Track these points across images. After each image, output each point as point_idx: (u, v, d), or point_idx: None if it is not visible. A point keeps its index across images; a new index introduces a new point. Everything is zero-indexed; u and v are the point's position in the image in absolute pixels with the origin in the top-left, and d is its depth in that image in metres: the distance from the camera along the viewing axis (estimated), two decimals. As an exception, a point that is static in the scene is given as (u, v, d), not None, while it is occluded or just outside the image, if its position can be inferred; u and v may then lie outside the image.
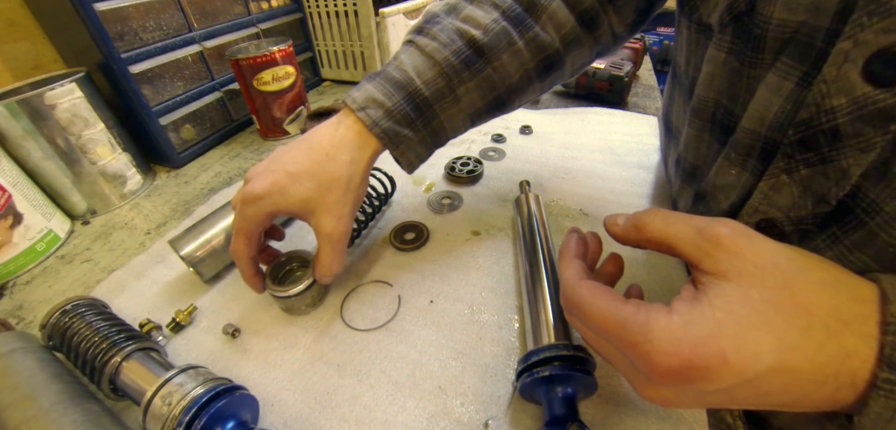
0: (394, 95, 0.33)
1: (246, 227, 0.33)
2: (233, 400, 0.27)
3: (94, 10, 0.51)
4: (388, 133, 0.33)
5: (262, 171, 0.33)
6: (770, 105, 0.25)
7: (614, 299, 0.21)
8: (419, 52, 0.34)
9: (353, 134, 0.34)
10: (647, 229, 0.23)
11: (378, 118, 0.33)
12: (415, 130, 0.34)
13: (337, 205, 0.33)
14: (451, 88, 0.34)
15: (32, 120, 0.47)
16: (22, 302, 0.43)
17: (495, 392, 0.30)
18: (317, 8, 0.86)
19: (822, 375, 0.17)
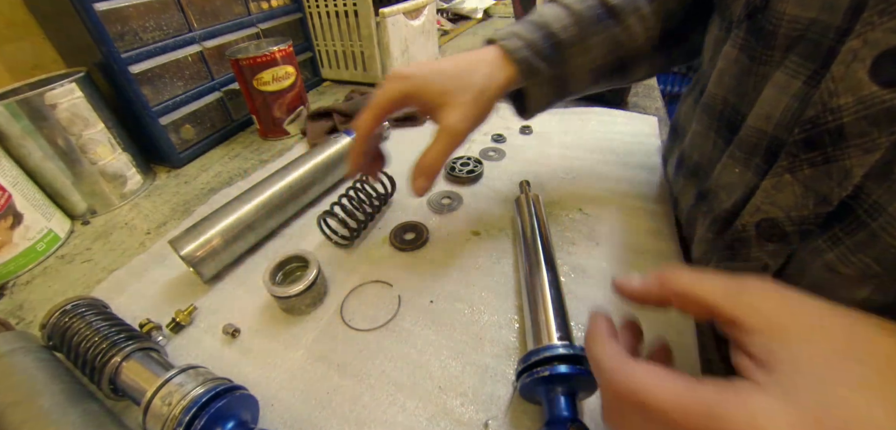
0: (533, 32, 0.37)
1: (382, 100, 0.34)
2: (233, 400, 0.27)
3: (94, 10, 0.51)
4: (526, 61, 0.36)
5: (413, 64, 0.36)
6: (777, 103, 0.26)
7: (683, 378, 0.17)
8: (558, 4, 0.38)
9: (492, 56, 0.36)
10: (672, 283, 0.20)
11: (518, 47, 0.36)
12: (549, 64, 0.37)
13: (465, 106, 0.34)
14: (583, 38, 0.37)
15: (32, 120, 0.47)
16: (22, 302, 0.43)
17: (495, 392, 0.30)
18: (317, 8, 0.86)
19: None
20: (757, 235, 0.28)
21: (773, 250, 0.27)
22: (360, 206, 0.45)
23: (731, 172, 0.30)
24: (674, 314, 0.34)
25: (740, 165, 0.29)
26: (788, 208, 0.25)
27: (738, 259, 0.30)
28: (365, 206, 0.46)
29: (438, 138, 0.34)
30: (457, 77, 0.34)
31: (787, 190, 0.25)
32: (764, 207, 0.27)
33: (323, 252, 0.45)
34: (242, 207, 0.43)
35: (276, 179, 0.47)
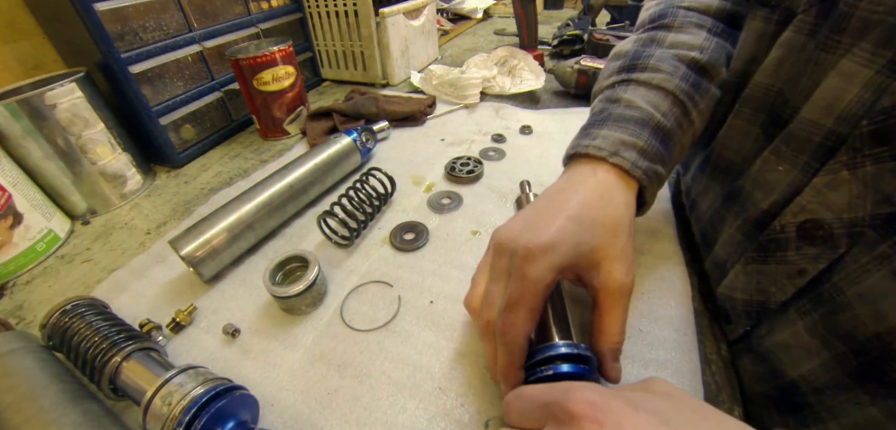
0: (641, 133, 0.31)
1: (531, 293, 0.25)
2: (233, 400, 0.27)
3: (94, 10, 0.51)
4: (649, 173, 0.30)
5: (535, 224, 0.28)
6: (842, 94, 0.24)
7: None
8: (646, 87, 0.33)
9: (614, 177, 0.30)
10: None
11: (635, 160, 0.30)
12: (664, 165, 0.32)
13: (626, 251, 0.28)
14: (687, 114, 0.33)
15: (32, 120, 0.47)
16: (22, 302, 0.43)
17: (495, 392, 0.30)
18: (317, 8, 0.86)
19: None
20: (797, 236, 0.26)
21: (815, 254, 0.25)
22: (360, 206, 0.45)
23: (774, 170, 0.28)
24: (674, 311, 0.34)
25: (786, 163, 0.27)
26: (840, 209, 0.24)
27: (771, 262, 0.28)
28: (365, 206, 0.46)
29: (613, 305, 0.27)
30: (599, 220, 0.28)
31: (843, 188, 0.23)
32: (810, 206, 0.25)
33: (323, 252, 0.45)
34: (242, 207, 0.43)
35: (276, 179, 0.47)
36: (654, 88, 0.33)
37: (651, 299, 0.36)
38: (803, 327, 0.26)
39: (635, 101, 0.32)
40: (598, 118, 0.33)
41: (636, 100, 0.32)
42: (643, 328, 0.34)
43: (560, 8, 1.73)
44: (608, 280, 0.27)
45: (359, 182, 0.48)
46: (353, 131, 0.57)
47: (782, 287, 0.27)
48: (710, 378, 0.30)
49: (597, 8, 1.15)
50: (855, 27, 0.23)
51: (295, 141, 0.70)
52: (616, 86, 0.35)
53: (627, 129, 0.31)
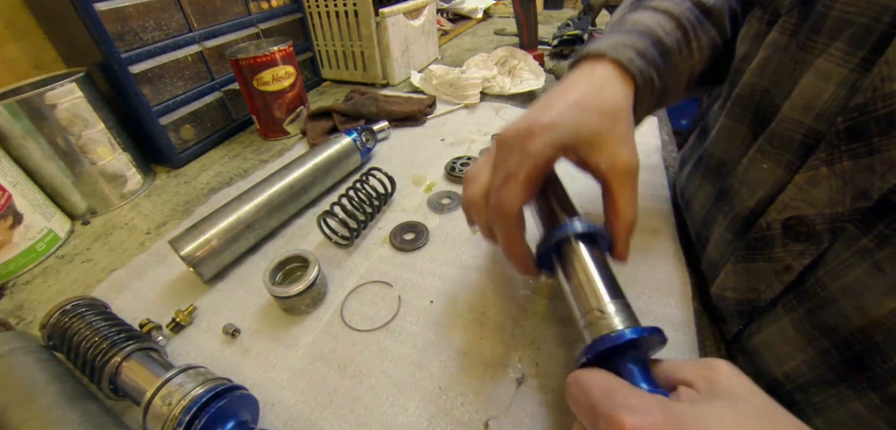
0: (641, 40, 0.32)
1: (529, 165, 0.26)
2: (233, 400, 0.27)
3: (94, 10, 0.51)
4: (644, 74, 0.30)
5: (537, 112, 0.28)
6: (820, 92, 0.25)
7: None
8: (653, 11, 0.34)
9: (612, 71, 0.30)
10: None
11: (632, 57, 0.30)
12: (659, 74, 0.32)
13: (629, 135, 0.28)
14: (688, 42, 0.33)
15: (32, 120, 0.47)
16: (22, 302, 0.43)
17: (495, 392, 0.30)
18: (317, 8, 0.86)
19: None
20: (782, 233, 0.27)
21: (800, 251, 0.26)
22: (360, 206, 0.45)
23: (759, 168, 0.29)
24: (674, 311, 0.34)
25: (770, 161, 0.28)
26: (822, 205, 0.24)
27: (759, 259, 0.29)
28: (365, 206, 0.46)
29: (623, 186, 0.27)
30: (600, 107, 0.28)
31: (823, 185, 0.24)
32: (794, 203, 0.26)
33: (323, 252, 0.45)
34: (242, 207, 0.43)
35: (276, 179, 0.47)
36: (660, 12, 0.34)
37: (651, 299, 0.36)
38: (790, 323, 0.27)
39: (641, 18, 0.34)
40: (604, 33, 0.34)
41: (642, 18, 0.34)
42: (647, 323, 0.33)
43: (560, 8, 1.73)
44: (616, 162, 0.27)
45: (359, 182, 0.48)
46: (353, 131, 0.57)
47: (770, 285, 0.28)
48: (710, 378, 0.30)
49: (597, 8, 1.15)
50: (830, 27, 0.24)
51: (295, 141, 0.70)
52: (625, 15, 0.36)
53: (629, 35, 0.32)
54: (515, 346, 0.33)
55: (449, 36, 1.29)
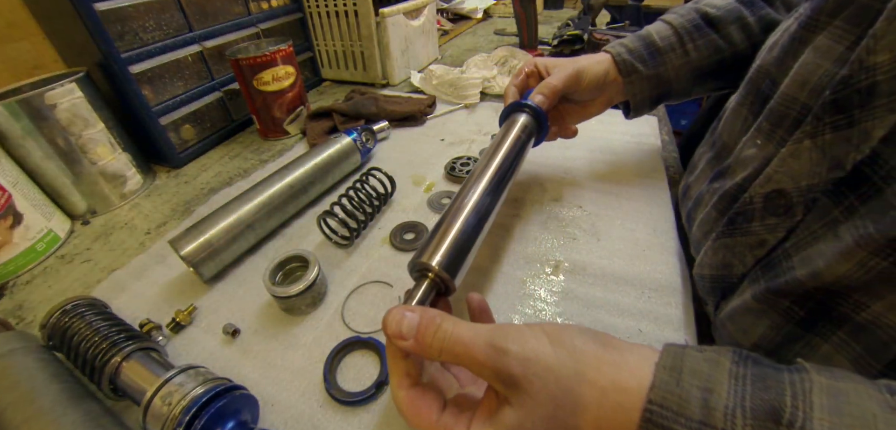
0: (634, 42, 0.44)
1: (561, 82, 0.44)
2: (233, 400, 0.27)
3: (94, 10, 0.51)
4: (625, 62, 0.43)
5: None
6: (816, 69, 0.26)
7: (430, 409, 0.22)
8: (660, 22, 0.45)
9: (602, 57, 0.45)
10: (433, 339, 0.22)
11: (620, 50, 0.44)
12: (645, 66, 0.43)
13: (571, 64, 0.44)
14: (682, 44, 0.42)
15: (32, 120, 0.47)
16: (22, 302, 0.43)
17: (495, 392, 0.30)
18: (317, 8, 0.86)
19: None
20: (762, 207, 0.28)
21: (775, 224, 0.27)
22: (360, 206, 0.45)
23: (753, 145, 0.30)
24: (674, 311, 0.34)
25: (763, 137, 0.29)
26: (800, 177, 0.25)
27: (737, 234, 0.30)
28: (365, 206, 0.46)
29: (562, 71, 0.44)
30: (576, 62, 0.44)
31: (804, 157, 0.25)
32: (776, 177, 0.27)
33: (323, 252, 0.45)
34: (242, 207, 0.43)
35: (276, 179, 0.47)
36: (664, 22, 0.45)
37: (651, 299, 0.36)
38: (751, 295, 0.28)
39: (650, 26, 0.45)
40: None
41: (651, 26, 0.45)
42: (643, 329, 0.34)
43: (560, 8, 1.73)
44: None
45: (359, 182, 0.48)
46: (353, 131, 0.57)
47: (744, 259, 0.29)
48: (710, 378, 0.30)
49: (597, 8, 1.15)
50: (829, 6, 0.26)
51: (295, 141, 0.70)
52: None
53: (629, 39, 0.45)
54: (515, 346, 0.33)
55: (449, 36, 1.29)
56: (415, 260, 0.29)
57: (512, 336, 0.20)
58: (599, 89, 0.45)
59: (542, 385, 0.19)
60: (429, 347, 0.22)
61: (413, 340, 0.22)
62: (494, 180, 0.35)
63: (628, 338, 0.33)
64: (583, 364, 0.19)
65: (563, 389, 0.19)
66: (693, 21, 0.42)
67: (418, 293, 0.27)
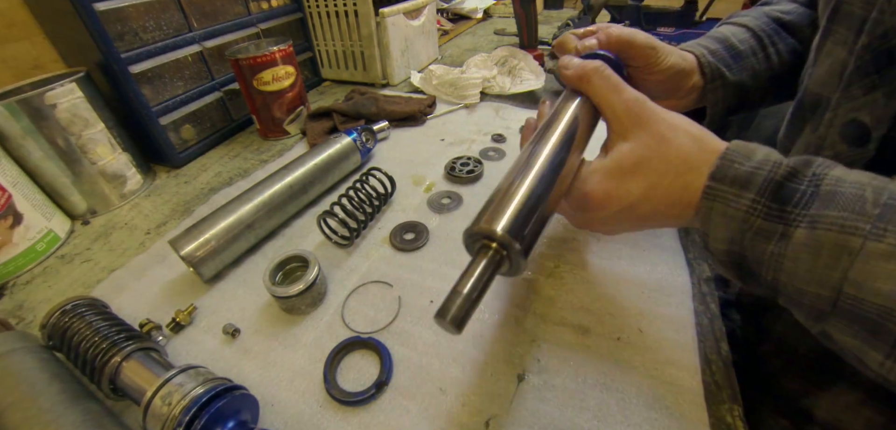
0: (712, 43, 0.40)
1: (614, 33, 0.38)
2: (233, 400, 0.27)
3: (94, 10, 0.51)
4: (711, 65, 0.39)
5: None
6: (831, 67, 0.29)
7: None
8: (733, 24, 0.42)
9: (686, 53, 0.40)
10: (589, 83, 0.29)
11: (701, 51, 0.39)
12: (730, 72, 0.39)
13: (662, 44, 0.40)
14: (763, 48, 0.40)
15: (32, 120, 0.47)
16: (22, 302, 0.43)
17: (496, 391, 0.30)
18: (317, 8, 0.86)
19: (670, 201, 0.25)
20: None
21: None
22: (360, 206, 0.45)
23: (786, 139, 0.34)
24: (674, 311, 0.34)
25: (794, 131, 0.33)
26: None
27: None
28: (365, 206, 0.46)
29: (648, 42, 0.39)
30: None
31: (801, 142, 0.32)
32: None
33: (323, 252, 0.45)
34: (242, 207, 0.43)
35: (275, 179, 0.47)
36: (739, 25, 0.42)
37: (651, 298, 0.36)
38: None
39: (723, 29, 0.42)
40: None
41: (724, 28, 0.42)
42: (643, 329, 0.34)
43: (560, 8, 1.73)
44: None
45: (359, 182, 0.48)
46: (353, 131, 0.57)
47: None
48: (710, 378, 0.30)
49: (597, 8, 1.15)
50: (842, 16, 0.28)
51: (295, 141, 0.70)
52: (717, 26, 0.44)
53: (708, 41, 0.41)
54: (516, 343, 0.33)
55: (449, 36, 1.29)
56: (471, 227, 0.23)
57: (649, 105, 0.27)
58: (672, 89, 0.39)
59: (658, 126, 0.25)
60: (586, 68, 0.29)
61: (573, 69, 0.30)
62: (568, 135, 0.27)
63: (628, 337, 0.33)
64: (687, 124, 0.26)
65: (671, 131, 0.25)
66: (769, 24, 0.40)
67: (477, 270, 0.21)
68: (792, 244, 0.21)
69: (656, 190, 0.25)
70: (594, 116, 0.29)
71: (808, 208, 0.20)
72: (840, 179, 0.20)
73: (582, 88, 0.29)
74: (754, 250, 0.22)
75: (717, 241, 0.23)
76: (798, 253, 0.20)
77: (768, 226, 0.21)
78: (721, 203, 0.23)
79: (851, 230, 0.19)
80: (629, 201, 0.25)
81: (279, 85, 0.66)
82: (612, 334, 0.33)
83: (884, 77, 0.25)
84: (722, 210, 0.23)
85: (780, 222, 0.21)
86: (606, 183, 0.26)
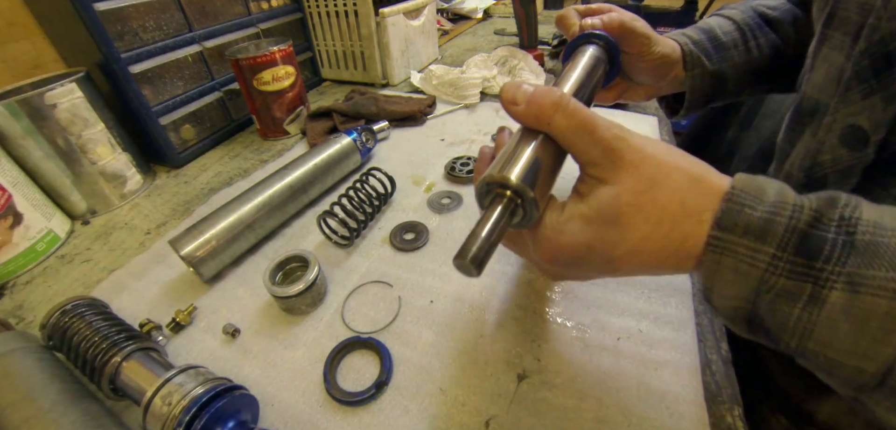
0: (697, 33, 0.42)
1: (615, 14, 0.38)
2: (233, 400, 0.27)
3: (94, 10, 0.51)
4: (692, 54, 0.41)
5: None
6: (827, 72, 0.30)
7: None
8: (721, 16, 0.44)
9: (670, 41, 0.41)
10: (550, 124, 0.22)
11: (685, 41, 0.41)
12: (710, 62, 0.41)
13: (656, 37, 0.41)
14: (745, 41, 0.41)
15: (32, 120, 0.47)
16: (22, 302, 0.43)
17: (496, 390, 0.30)
18: (317, 8, 0.86)
19: (667, 252, 0.21)
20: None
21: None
22: (360, 206, 0.45)
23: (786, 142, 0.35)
24: (674, 311, 0.34)
25: (794, 135, 0.33)
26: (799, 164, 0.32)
27: None
28: (365, 206, 0.46)
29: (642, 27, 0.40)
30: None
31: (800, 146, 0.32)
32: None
33: (323, 252, 0.45)
34: (242, 207, 0.43)
35: (275, 179, 0.47)
36: (725, 17, 0.43)
37: (651, 298, 0.36)
38: None
39: (710, 20, 0.44)
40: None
41: (711, 20, 0.44)
42: (643, 329, 0.34)
43: (560, 8, 1.73)
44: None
45: (359, 182, 0.48)
46: (353, 131, 0.57)
47: None
48: (710, 378, 0.30)
49: (597, 8, 1.15)
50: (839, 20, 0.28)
51: (295, 141, 0.70)
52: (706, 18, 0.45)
53: (693, 31, 0.43)
54: (516, 343, 0.33)
55: (449, 36, 1.29)
56: (489, 175, 0.23)
57: (631, 138, 0.22)
58: (658, 76, 0.41)
59: (645, 167, 0.21)
60: (543, 106, 0.22)
61: (525, 104, 0.23)
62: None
63: (628, 338, 0.33)
64: (680, 159, 0.22)
65: (662, 171, 0.21)
66: (754, 19, 0.42)
67: (492, 217, 0.22)
68: (826, 310, 0.17)
69: (648, 242, 0.21)
70: (560, 154, 0.24)
71: (843, 265, 0.17)
72: (878, 224, 0.17)
73: (541, 129, 0.23)
74: (774, 313, 0.19)
75: (724, 298, 0.20)
76: (835, 321, 0.17)
77: (793, 285, 0.18)
78: (731, 257, 0.19)
79: None
80: (615, 255, 0.21)
81: (279, 85, 0.66)
82: (612, 334, 0.33)
83: (882, 82, 0.25)
84: (732, 265, 0.19)
85: (809, 281, 0.18)
86: (586, 233, 0.22)
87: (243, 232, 0.43)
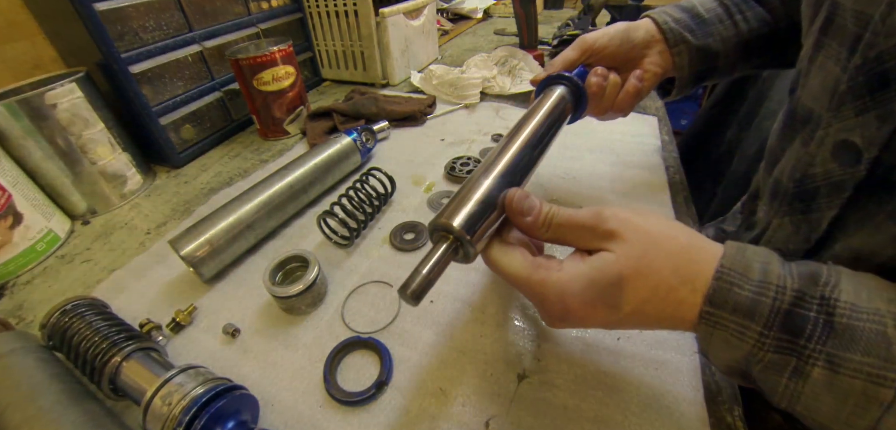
0: (677, 11, 0.42)
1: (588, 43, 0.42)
2: (233, 400, 0.27)
3: (94, 10, 0.51)
4: (672, 30, 0.41)
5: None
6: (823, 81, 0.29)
7: (521, 258, 0.25)
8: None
9: (648, 23, 0.43)
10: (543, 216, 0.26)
11: (665, 18, 0.42)
12: (694, 37, 0.41)
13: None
14: (730, 15, 0.42)
15: (32, 120, 0.47)
16: (22, 302, 0.43)
17: (496, 390, 0.30)
18: (317, 8, 0.86)
19: (664, 315, 0.23)
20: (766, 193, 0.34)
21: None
22: (360, 206, 0.45)
23: (784, 144, 0.34)
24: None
25: (787, 141, 0.34)
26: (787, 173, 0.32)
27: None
28: (365, 206, 0.46)
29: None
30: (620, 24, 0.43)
31: (791, 155, 0.32)
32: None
33: (323, 252, 0.45)
34: (242, 207, 0.43)
35: (275, 179, 0.47)
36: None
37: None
38: None
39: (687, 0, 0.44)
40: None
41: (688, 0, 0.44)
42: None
43: (560, 8, 1.73)
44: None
45: (359, 182, 0.48)
46: (353, 131, 0.57)
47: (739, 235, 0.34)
48: (710, 378, 0.30)
49: (597, 8, 1.15)
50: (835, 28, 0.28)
51: (295, 141, 0.70)
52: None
53: (675, 9, 0.43)
54: (516, 343, 0.33)
55: (449, 36, 1.29)
56: (435, 220, 0.27)
57: (609, 209, 0.25)
58: (636, 58, 0.42)
59: (636, 238, 0.23)
60: (539, 225, 0.26)
61: (531, 217, 0.26)
62: (527, 147, 0.31)
63: (628, 337, 0.33)
64: (669, 228, 0.24)
65: (652, 240, 0.23)
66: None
67: (435, 255, 0.25)
68: (810, 384, 0.20)
69: (648, 305, 0.23)
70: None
71: (823, 343, 0.19)
72: (854, 307, 0.19)
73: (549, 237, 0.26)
74: (765, 380, 0.21)
75: (719, 360, 0.23)
76: (818, 393, 0.19)
77: (779, 359, 0.20)
78: (722, 331, 0.21)
79: (879, 380, 0.18)
80: (617, 316, 0.23)
81: (279, 85, 0.66)
82: (613, 334, 0.33)
83: (877, 100, 0.24)
84: (724, 338, 0.21)
85: (793, 355, 0.20)
86: (590, 293, 0.23)
87: (243, 232, 0.43)
